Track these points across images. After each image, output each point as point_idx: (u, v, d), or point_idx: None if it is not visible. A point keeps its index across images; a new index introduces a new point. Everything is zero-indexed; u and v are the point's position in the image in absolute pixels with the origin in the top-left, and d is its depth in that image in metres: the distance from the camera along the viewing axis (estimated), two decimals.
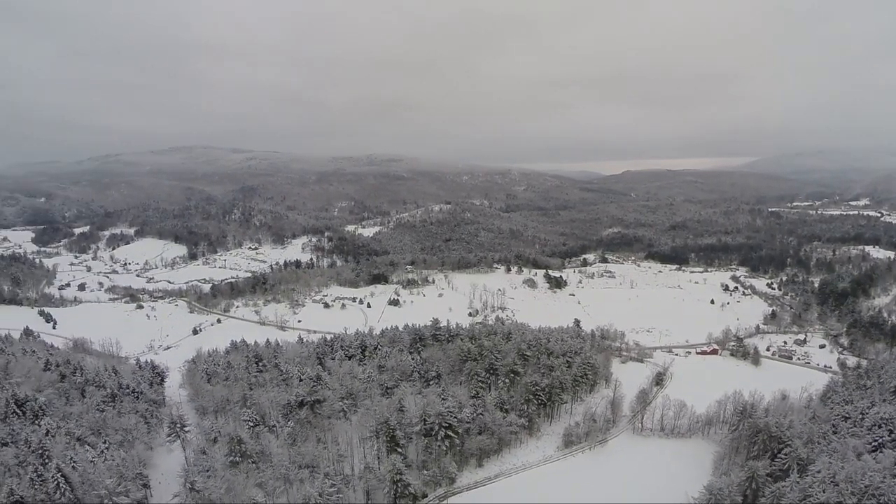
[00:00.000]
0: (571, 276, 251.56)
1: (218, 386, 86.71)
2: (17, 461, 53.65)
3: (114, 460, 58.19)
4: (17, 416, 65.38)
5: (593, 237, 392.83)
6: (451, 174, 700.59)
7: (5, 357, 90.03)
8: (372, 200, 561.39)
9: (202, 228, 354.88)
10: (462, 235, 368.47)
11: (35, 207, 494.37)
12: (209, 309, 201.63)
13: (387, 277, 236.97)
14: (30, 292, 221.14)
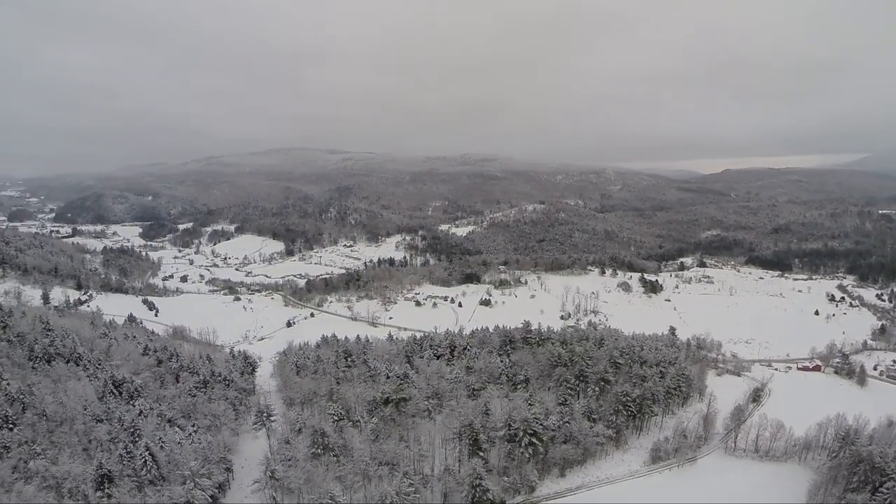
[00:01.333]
0: (667, 281, 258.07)
1: (306, 378, 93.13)
2: (109, 437, 59.19)
3: (200, 443, 63.23)
4: (114, 395, 72.67)
5: (691, 240, 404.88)
6: (545, 174, 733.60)
7: (108, 341, 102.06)
8: (465, 200, 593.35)
9: (299, 226, 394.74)
10: (556, 236, 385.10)
11: (143, 205, 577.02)
12: (303, 303, 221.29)
13: (479, 277, 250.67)
14: (136, 282, 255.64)
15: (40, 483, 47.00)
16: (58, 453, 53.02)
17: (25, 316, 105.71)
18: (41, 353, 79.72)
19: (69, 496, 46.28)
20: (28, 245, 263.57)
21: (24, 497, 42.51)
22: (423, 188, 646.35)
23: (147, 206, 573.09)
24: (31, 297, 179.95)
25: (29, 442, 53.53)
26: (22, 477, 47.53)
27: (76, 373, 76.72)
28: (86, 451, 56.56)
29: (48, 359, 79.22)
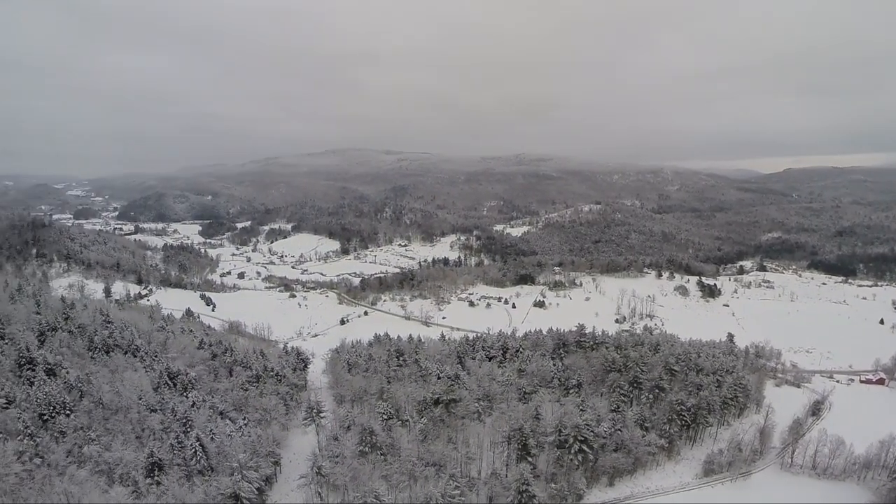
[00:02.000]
0: (726, 285, 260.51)
1: (358, 376, 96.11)
2: (162, 427, 62.08)
3: (250, 437, 65.23)
4: (169, 387, 76.47)
5: (750, 242, 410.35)
6: (601, 173, 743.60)
7: (165, 334, 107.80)
8: (521, 200, 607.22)
9: (355, 225, 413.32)
10: (612, 237, 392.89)
11: (203, 204, 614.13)
12: (357, 301, 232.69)
13: (533, 278, 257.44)
14: (194, 278, 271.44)
15: (93, 467, 49.67)
16: (111, 440, 55.95)
17: (87, 308, 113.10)
18: (100, 344, 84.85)
19: (120, 481, 48.63)
20: (92, 241, 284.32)
21: (76, 480, 44.66)
22: (479, 188, 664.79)
23: (207, 206, 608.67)
24: (94, 291, 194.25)
25: (84, 428, 56.76)
26: (76, 461, 50.42)
27: (133, 364, 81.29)
28: (138, 439, 59.44)
29: (107, 350, 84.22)
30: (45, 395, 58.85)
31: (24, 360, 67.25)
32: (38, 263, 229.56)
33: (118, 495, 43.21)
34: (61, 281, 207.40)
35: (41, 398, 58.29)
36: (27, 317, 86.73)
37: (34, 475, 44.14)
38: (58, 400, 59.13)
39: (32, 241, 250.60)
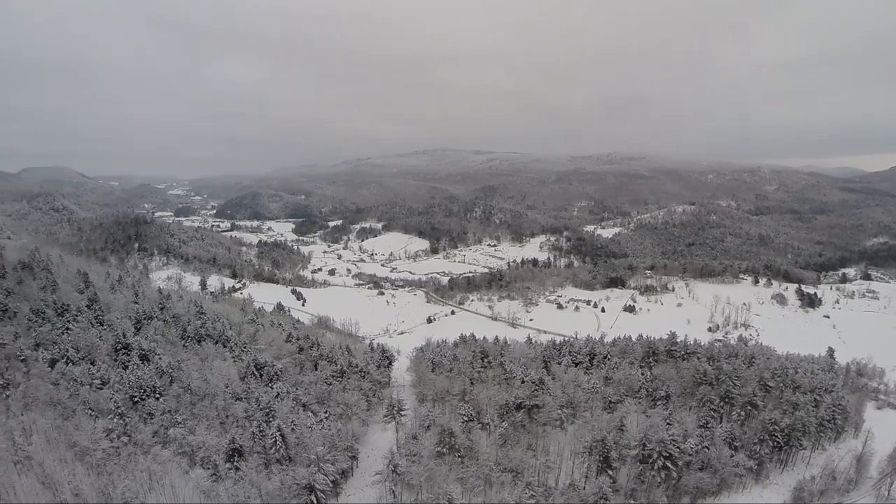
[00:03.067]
0: (827, 294, 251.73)
1: (441, 376, 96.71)
2: (245, 415, 65.25)
3: (329, 430, 67.05)
4: (255, 377, 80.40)
5: (854, 247, 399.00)
6: (695, 172, 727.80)
7: (255, 326, 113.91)
8: (612, 200, 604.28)
9: (444, 225, 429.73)
10: (706, 240, 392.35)
11: (296, 203, 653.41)
12: (445, 300, 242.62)
13: (624, 281, 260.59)
14: (286, 273, 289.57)
15: (176, 449, 53.05)
16: (196, 424, 59.41)
17: (182, 299, 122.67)
18: (193, 334, 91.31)
19: (201, 464, 51.53)
20: (191, 237, 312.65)
21: (158, 460, 47.75)
22: (569, 188, 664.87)
23: (300, 205, 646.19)
24: (191, 283, 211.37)
25: (171, 411, 60.79)
26: (161, 441, 54.18)
27: (222, 353, 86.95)
28: (222, 425, 62.80)
29: (199, 339, 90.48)
30: (138, 379, 63.63)
31: (121, 346, 73.21)
32: (139, 257, 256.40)
33: (197, 477, 45.61)
34: (161, 273, 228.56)
35: (133, 381, 63.06)
36: (126, 306, 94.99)
37: (120, 452, 47.74)
38: (149, 384, 63.70)
39: (135, 236, 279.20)
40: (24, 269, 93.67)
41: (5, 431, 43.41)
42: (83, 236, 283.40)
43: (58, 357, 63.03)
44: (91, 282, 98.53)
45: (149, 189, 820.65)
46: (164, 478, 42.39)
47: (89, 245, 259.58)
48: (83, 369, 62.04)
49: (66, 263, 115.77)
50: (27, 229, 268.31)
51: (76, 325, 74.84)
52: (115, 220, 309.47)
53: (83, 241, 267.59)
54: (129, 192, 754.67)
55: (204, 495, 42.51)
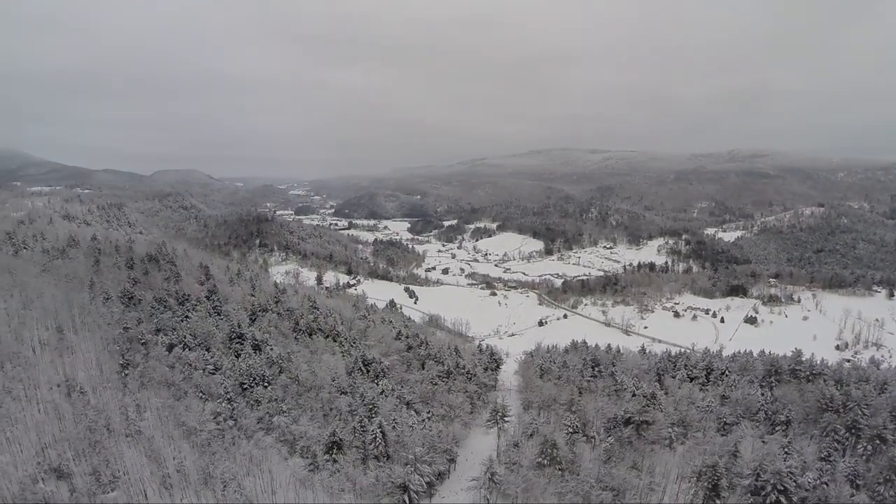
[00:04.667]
0: None
1: (549, 383, 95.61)
2: (348, 409, 67.84)
3: (430, 431, 68.11)
4: (361, 373, 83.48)
5: None
6: (823, 170, 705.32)
7: (366, 322, 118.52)
8: (734, 201, 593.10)
9: (559, 226, 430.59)
10: (836, 246, 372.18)
11: (412, 203, 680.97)
12: (557, 303, 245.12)
13: (745, 290, 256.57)
14: (400, 271, 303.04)
15: (278, 436, 56.30)
16: (300, 414, 62.72)
17: (297, 294, 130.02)
18: (304, 327, 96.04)
19: (300, 453, 54.23)
20: (309, 235, 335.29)
21: (260, 445, 50.73)
22: (688, 188, 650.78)
23: (416, 204, 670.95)
24: (307, 279, 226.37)
25: (277, 400, 64.44)
26: (264, 428, 57.70)
27: (332, 348, 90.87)
28: (325, 417, 65.69)
29: (310, 332, 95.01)
30: (248, 367, 68.24)
31: (235, 335, 78.92)
32: (260, 252, 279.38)
33: (295, 465, 48.05)
34: (279, 268, 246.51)
35: (244, 369, 67.71)
36: (242, 298, 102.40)
37: (225, 435, 51.25)
38: (258, 372, 68.03)
39: (257, 232, 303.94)
40: (151, 261, 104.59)
41: (121, 406, 48.36)
42: (208, 232, 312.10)
43: (175, 342, 69.20)
44: (211, 274, 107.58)
45: (271, 189, 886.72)
46: (263, 463, 44.82)
47: (214, 240, 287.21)
48: (198, 355, 67.57)
49: (189, 257, 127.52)
50: (157, 225, 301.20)
51: (195, 314, 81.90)
52: (239, 217, 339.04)
53: (208, 237, 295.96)
54: (253, 192, 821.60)
55: (299, 483, 44.33)
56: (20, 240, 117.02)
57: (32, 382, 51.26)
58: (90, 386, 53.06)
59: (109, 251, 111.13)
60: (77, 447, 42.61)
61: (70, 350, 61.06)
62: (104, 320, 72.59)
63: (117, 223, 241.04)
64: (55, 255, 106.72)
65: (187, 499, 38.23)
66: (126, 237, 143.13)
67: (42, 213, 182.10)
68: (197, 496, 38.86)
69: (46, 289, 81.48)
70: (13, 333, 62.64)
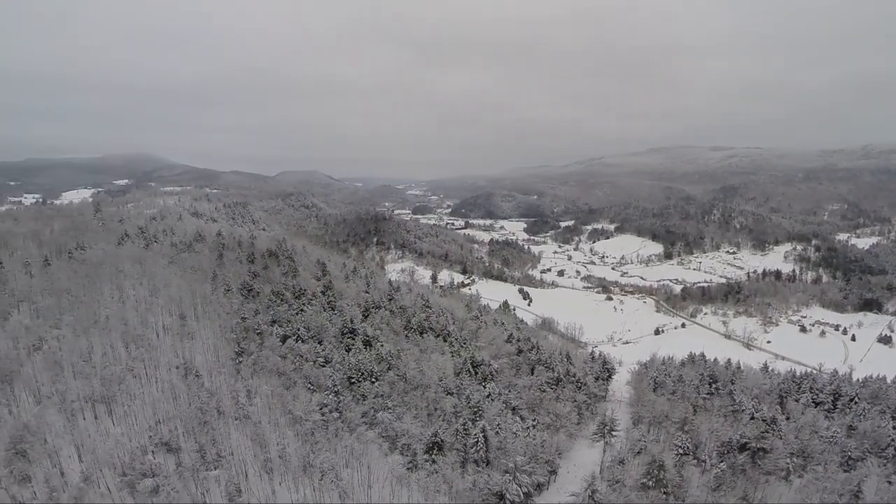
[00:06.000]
0: None
1: (662, 398, 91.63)
2: (453, 411, 68.73)
3: (534, 439, 66.67)
4: (469, 374, 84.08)
5: None
6: None
7: (478, 323, 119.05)
8: (868, 203, 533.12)
9: (679, 228, 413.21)
10: None
11: (528, 203, 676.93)
12: (675, 311, 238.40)
13: (880, 305, 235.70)
14: (515, 272, 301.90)
15: (381, 432, 57.83)
16: (404, 412, 64.01)
17: (411, 292, 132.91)
18: (416, 326, 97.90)
19: (400, 451, 55.20)
20: (426, 234, 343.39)
21: (362, 439, 52.04)
22: (818, 188, 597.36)
23: (532, 205, 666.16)
24: (422, 277, 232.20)
25: (383, 396, 66.17)
26: (368, 423, 59.52)
27: (442, 347, 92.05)
28: (429, 416, 66.62)
29: (421, 331, 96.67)
30: (358, 362, 70.59)
31: (347, 330, 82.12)
32: (377, 250, 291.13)
33: (394, 462, 48.88)
34: (395, 266, 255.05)
35: (353, 363, 70.09)
36: (357, 294, 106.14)
37: (328, 426, 53.32)
38: (367, 367, 70.21)
39: (374, 231, 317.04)
40: (271, 257, 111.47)
41: (232, 391, 51.71)
42: (328, 230, 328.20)
43: (289, 334, 73.09)
44: (328, 271, 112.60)
45: (389, 189, 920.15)
46: (363, 457, 46.01)
47: (333, 238, 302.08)
48: (310, 347, 70.96)
49: (308, 253, 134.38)
50: (280, 223, 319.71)
51: (310, 308, 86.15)
52: (358, 216, 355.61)
53: (328, 235, 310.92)
54: (372, 192, 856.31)
55: (396, 481, 44.86)
56: (151, 234, 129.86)
57: (153, 363, 56.66)
58: (206, 370, 57.51)
59: (232, 246, 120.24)
60: (187, 425, 46.43)
61: (190, 336, 66.69)
62: (224, 310, 78.61)
63: (242, 220, 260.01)
64: (182, 249, 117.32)
65: (285, 484, 40.00)
66: (249, 233, 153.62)
67: (172, 210, 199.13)
68: (295, 482, 40.55)
69: (173, 279, 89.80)
70: (140, 318, 69.63)
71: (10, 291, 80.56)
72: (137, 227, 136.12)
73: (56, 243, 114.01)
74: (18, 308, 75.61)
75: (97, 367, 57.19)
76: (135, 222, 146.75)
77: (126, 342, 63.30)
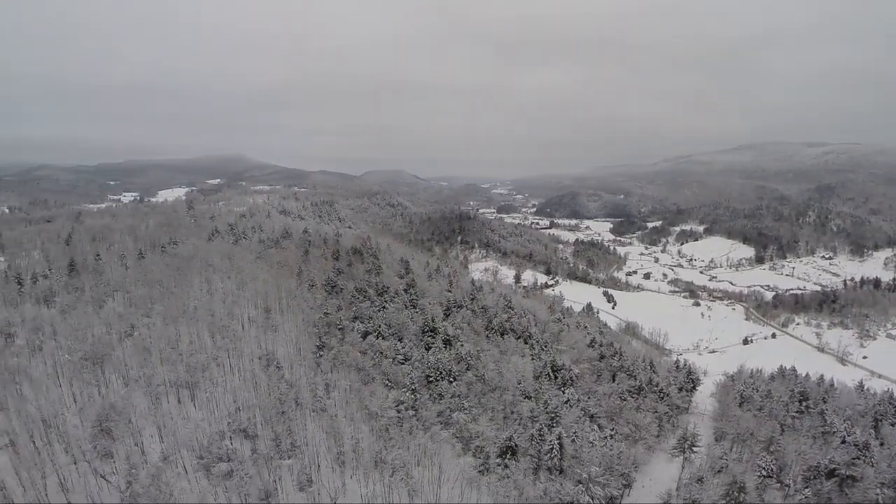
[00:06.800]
0: None
1: (748, 414, 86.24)
2: (529, 415, 67.85)
3: (611, 450, 64.05)
4: (549, 379, 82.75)
5: None
6: None
7: (560, 326, 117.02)
8: None
9: (772, 230, 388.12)
10: None
11: (614, 203, 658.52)
12: (765, 320, 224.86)
13: None
14: (600, 274, 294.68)
15: (455, 432, 57.88)
16: (480, 414, 63.92)
17: (493, 292, 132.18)
18: (497, 326, 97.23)
19: (473, 453, 55.08)
20: (510, 233, 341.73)
21: (435, 438, 52.08)
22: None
23: (618, 204, 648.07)
24: (506, 277, 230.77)
25: (460, 396, 66.20)
26: (443, 422, 59.52)
27: (522, 349, 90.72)
28: (505, 420, 65.99)
29: (502, 332, 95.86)
30: (437, 361, 70.98)
31: (428, 329, 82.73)
32: (461, 248, 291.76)
33: (465, 464, 48.44)
34: (478, 265, 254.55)
35: (432, 362, 70.52)
36: (439, 293, 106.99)
37: (403, 423, 53.78)
38: (446, 367, 70.44)
39: (459, 230, 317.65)
40: (355, 254, 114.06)
41: (311, 384, 53.21)
42: (413, 228, 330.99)
43: (370, 330, 74.47)
44: (411, 269, 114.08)
45: (474, 188, 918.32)
46: (435, 456, 46.08)
47: (417, 236, 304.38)
48: (390, 344, 71.95)
49: (392, 251, 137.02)
50: (365, 221, 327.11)
51: (392, 306, 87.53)
52: (442, 215, 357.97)
53: (412, 233, 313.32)
54: (456, 191, 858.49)
55: (467, 483, 44.50)
56: (240, 231, 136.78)
57: (237, 353, 59.51)
58: (287, 362, 59.73)
59: (318, 243, 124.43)
60: (266, 414, 48.35)
61: (273, 328, 69.49)
62: (307, 305, 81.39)
63: (328, 218, 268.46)
64: (269, 245, 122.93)
65: (356, 477, 40.58)
66: (334, 231, 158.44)
67: (261, 208, 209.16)
68: (365, 477, 41.14)
69: (259, 274, 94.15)
70: (227, 310, 73.25)
71: (106, 281, 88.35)
72: (227, 224, 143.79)
73: (150, 238, 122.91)
74: (113, 297, 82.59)
75: (183, 355, 61.08)
76: (225, 219, 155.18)
77: (212, 332, 66.94)
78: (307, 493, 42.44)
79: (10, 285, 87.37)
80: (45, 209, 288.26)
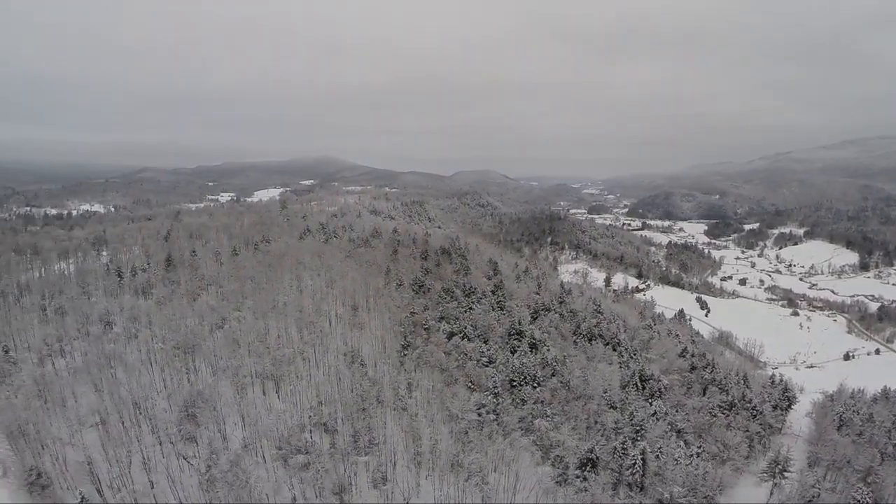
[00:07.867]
0: None
1: (846, 438, 78.61)
2: (613, 426, 65.13)
3: (696, 469, 60.52)
4: (636, 388, 79.55)
5: None
6: None
7: (650, 333, 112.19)
8: None
9: (878, 234, 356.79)
10: None
11: (709, 203, 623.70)
12: (869, 334, 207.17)
13: None
14: (693, 278, 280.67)
15: (535, 440, 56.81)
16: (563, 422, 62.44)
17: (582, 296, 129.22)
18: (585, 332, 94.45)
19: (552, 462, 54.01)
20: (601, 234, 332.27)
21: (515, 445, 51.29)
22: None
23: (713, 205, 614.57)
24: (596, 279, 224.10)
25: (543, 403, 64.86)
26: (524, 429, 58.41)
27: (610, 356, 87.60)
28: (588, 430, 64.04)
29: (590, 338, 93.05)
30: (522, 365, 70.08)
31: (514, 332, 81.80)
32: (550, 249, 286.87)
33: (543, 474, 47.48)
34: (568, 267, 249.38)
35: (517, 366, 69.68)
36: (527, 295, 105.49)
37: (483, 427, 53.42)
38: (530, 372, 69.39)
39: (549, 230, 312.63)
40: (444, 254, 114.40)
41: (394, 382, 53.85)
42: (502, 228, 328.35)
43: (456, 331, 74.52)
44: (499, 270, 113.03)
45: (564, 188, 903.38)
46: (513, 463, 45.43)
47: (507, 237, 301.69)
48: (475, 346, 71.65)
49: (480, 252, 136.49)
50: (455, 220, 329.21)
51: (479, 307, 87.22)
52: (532, 215, 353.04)
53: (502, 233, 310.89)
54: (547, 191, 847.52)
55: (543, 493, 43.51)
56: (331, 230, 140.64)
57: (322, 349, 61.36)
58: (371, 360, 60.92)
59: (407, 243, 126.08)
60: (346, 410, 49.54)
61: (360, 326, 71.14)
62: (394, 304, 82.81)
63: (418, 218, 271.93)
64: (359, 244, 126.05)
65: (431, 479, 40.62)
66: (424, 231, 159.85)
67: (352, 208, 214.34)
68: (440, 479, 41.08)
69: (348, 272, 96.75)
70: (315, 306, 75.72)
71: (200, 276, 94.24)
72: (319, 223, 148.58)
73: (244, 236, 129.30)
74: (207, 290, 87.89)
75: (270, 348, 63.98)
76: (317, 219, 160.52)
77: (300, 327, 69.55)
78: (381, 490, 43.21)
79: (111, 278, 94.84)
80: (147, 208, 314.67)
